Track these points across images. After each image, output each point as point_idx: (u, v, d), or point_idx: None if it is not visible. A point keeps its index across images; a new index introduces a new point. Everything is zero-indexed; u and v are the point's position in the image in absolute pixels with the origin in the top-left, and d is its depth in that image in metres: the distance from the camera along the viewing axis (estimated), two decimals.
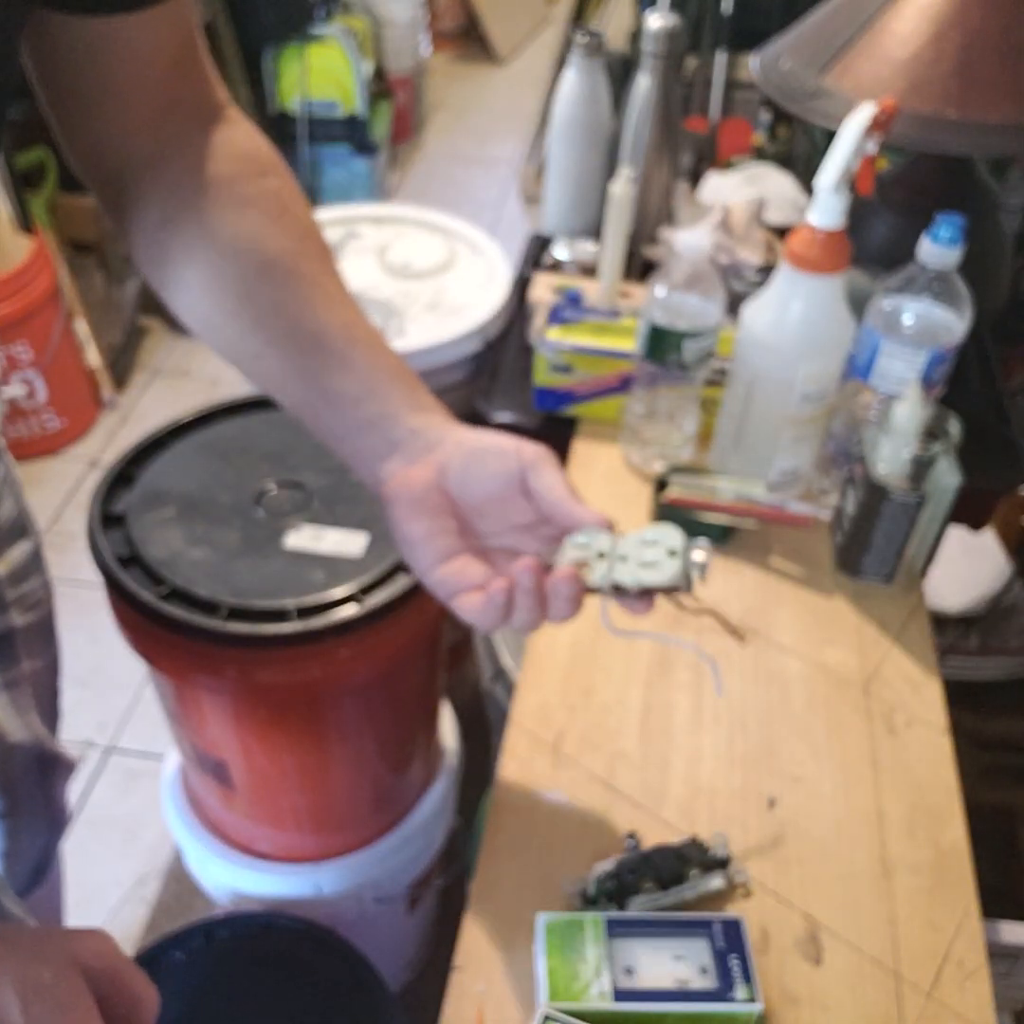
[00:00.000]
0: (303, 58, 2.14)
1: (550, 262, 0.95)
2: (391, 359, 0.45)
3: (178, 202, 0.44)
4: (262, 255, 0.44)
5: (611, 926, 0.45)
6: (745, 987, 0.44)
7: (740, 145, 1.50)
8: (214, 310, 0.44)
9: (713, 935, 0.45)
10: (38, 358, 1.59)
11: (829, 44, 0.74)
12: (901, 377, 0.65)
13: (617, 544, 0.40)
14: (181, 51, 0.44)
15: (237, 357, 0.46)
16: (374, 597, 0.58)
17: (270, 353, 0.44)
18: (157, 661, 0.62)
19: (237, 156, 0.45)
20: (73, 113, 0.44)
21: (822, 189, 0.59)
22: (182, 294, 0.45)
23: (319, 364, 0.44)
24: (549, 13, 3.24)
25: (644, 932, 0.45)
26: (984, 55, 0.69)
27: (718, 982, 0.44)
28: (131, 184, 0.45)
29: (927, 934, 0.49)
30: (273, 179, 0.46)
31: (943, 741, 0.58)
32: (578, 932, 0.45)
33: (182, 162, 0.44)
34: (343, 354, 0.44)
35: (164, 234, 0.44)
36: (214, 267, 0.44)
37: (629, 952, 0.44)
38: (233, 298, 0.44)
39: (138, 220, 0.45)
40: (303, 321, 0.44)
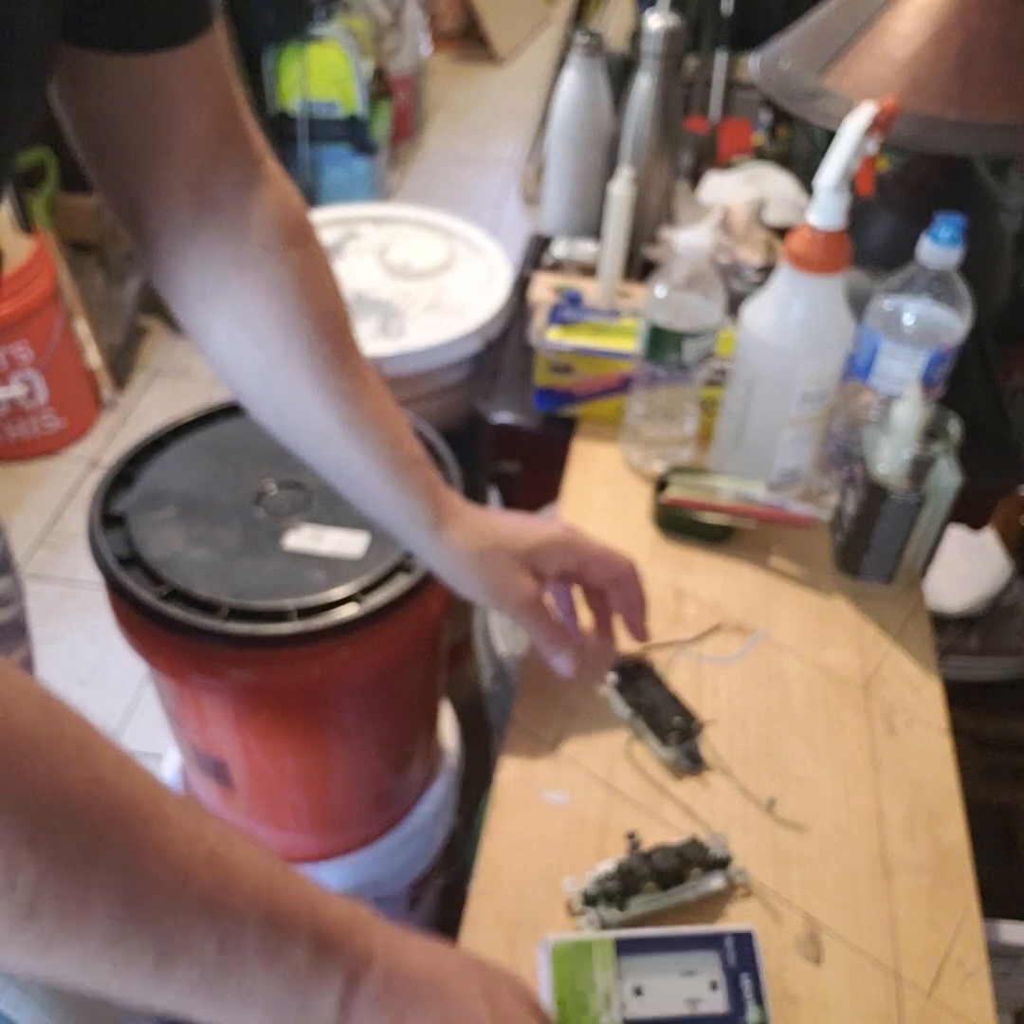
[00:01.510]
0: (303, 58, 2.14)
1: (550, 262, 0.95)
2: (413, 448, 0.50)
3: (213, 276, 0.45)
4: (284, 346, 0.46)
5: (620, 946, 0.44)
6: (758, 1011, 0.42)
7: (740, 145, 1.50)
8: (243, 389, 0.48)
9: (725, 950, 0.44)
10: (38, 358, 1.59)
11: (829, 44, 0.74)
12: (901, 377, 0.65)
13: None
14: (222, 107, 0.43)
15: (263, 420, 0.50)
16: (374, 597, 0.58)
17: (293, 437, 0.49)
18: (157, 661, 0.62)
19: (269, 226, 0.46)
20: (115, 170, 0.43)
21: (822, 189, 0.59)
22: (214, 353, 0.48)
23: (346, 457, 0.49)
24: (549, 13, 3.25)
25: (653, 950, 0.44)
26: (984, 55, 0.69)
27: (729, 1005, 0.43)
28: (168, 247, 0.45)
29: (927, 934, 0.49)
30: (299, 249, 0.47)
31: (943, 741, 0.58)
32: (586, 956, 0.43)
33: (218, 232, 0.45)
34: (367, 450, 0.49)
35: (203, 308, 0.46)
36: (241, 349, 0.46)
37: (638, 971, 0.43)
38: (258, 382, 0.48)
39: (177, 287, 0.46)
40: (317, 423, 0.48)
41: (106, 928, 0.26)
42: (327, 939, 0.30)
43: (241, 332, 0.45)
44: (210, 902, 0.28)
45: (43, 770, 0.25)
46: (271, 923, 0.29)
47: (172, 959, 0.27)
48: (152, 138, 0.42)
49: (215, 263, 0.44)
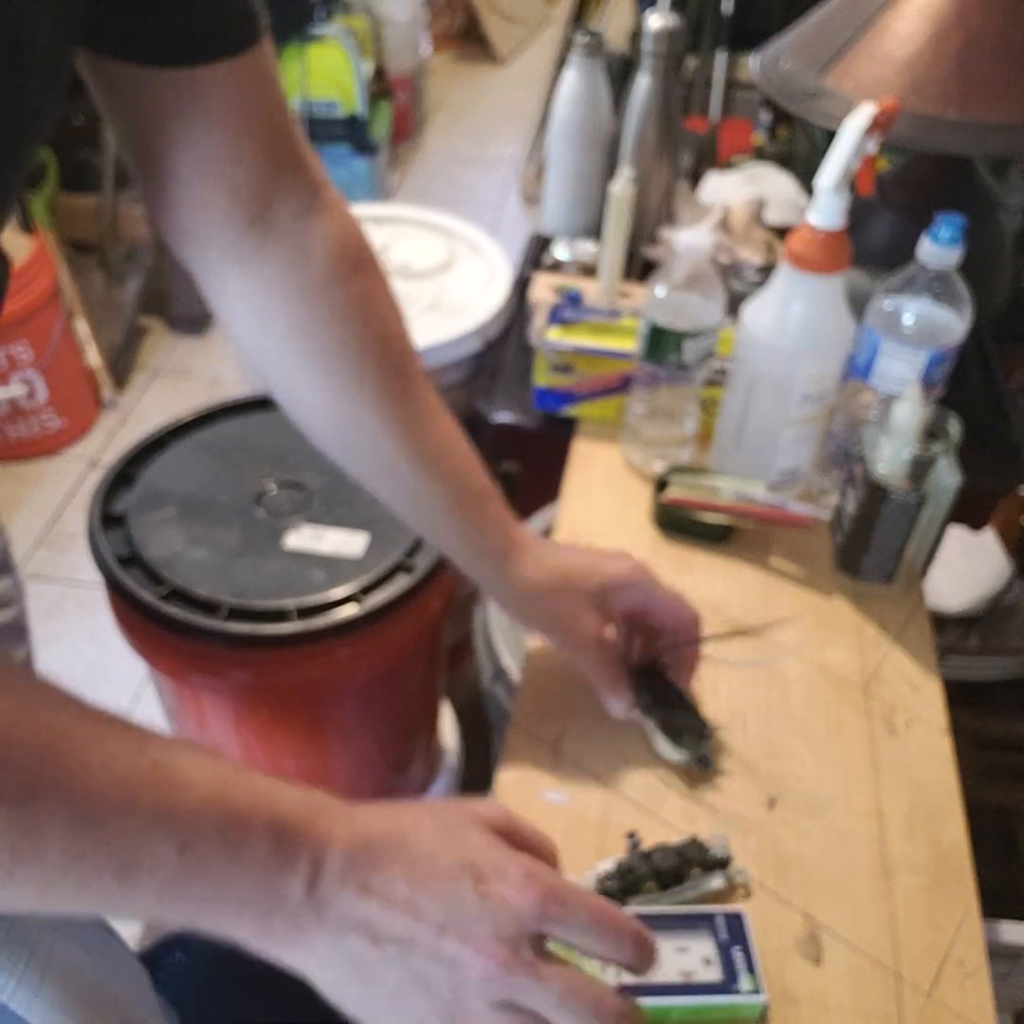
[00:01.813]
0: (303, 58, 2.14)
1: (550, 262, 0.95)
2: (481, 483, 0.50)
3: (276, 307, 0.44)
4: (358, 390, 0.46)
5: None
6: (749, 978, 0.44)
7: (740, 145, 1.50)
8: (305, 420, 0.48)
9: (716, 928, 0.46)
10: (38, 358, 1.59)
11: (829, 44, 0.74)
12: (901, 377, 0.65)
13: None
14: (272, 125, 0.42)
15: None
16: (374, 597, 0.59)
17: (365, 479, 0.50)
18: (157, 661, 0.62)
19: (331, 256, 0.45)
20: (168, 194, 0.42)
21: (822, 189, 0.59)
22: (283, 393, 0.48)
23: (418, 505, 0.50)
24: (549, 13, 3.25)
25: (647, 926, 0.45)
26: (984, 55, 0.69)
27: (722, 974, 0.44)
28: (225, 274, 0.44)
29: (927, 934, 0.49)
30: (361, 278, 0.47)
31: (943, 741, 0.58)
32: None
33: (278, 263, 0.43)
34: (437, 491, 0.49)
35: (266, 340, 0.45)
36: (312, 384, 0.46)
37: None
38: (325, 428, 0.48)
39: (234, 315, 0.45)
40: (398, 469, 0.48)
41: (60, 850, 0.27)
42: (285, 827, 0.31)
43: (307, 362, 0.45)
44: (161, 810, 0.29)
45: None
46: (227, 821, 0.30)
47: (133, 869, 0.28)
48: (202, 160, 0.40)
49: (276, 294, 0.44)
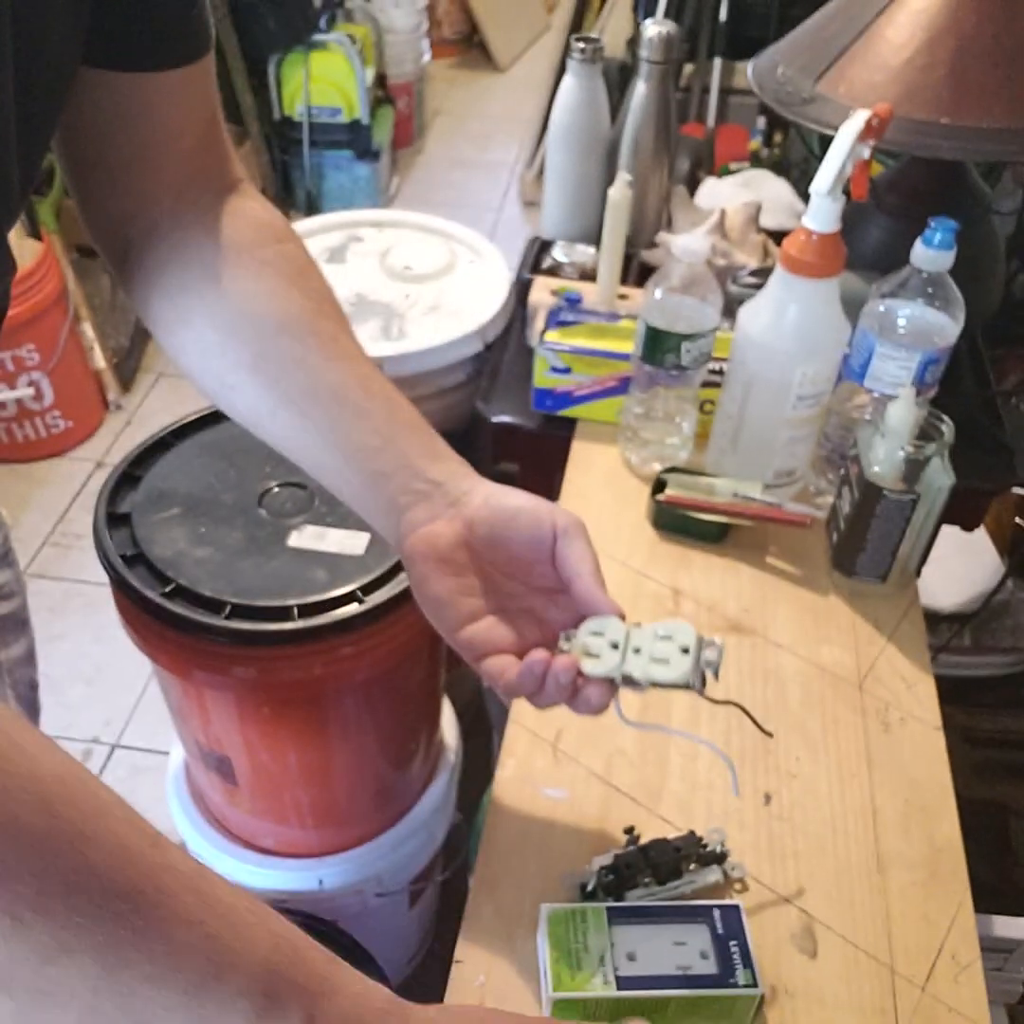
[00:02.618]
0: (306, 65, 2.16)
1: (549, 265, 0.96)
2: (408, 411, 0.45)
3: (198, 267, 0.45)
4: (281, 314, 0.44)
5: (612, 914, 0.46)
6: (746, 972, 0.44)
7: (736, 150, 1.51)
8: (231, 369, 0.44)
9: (713, 921, 0.46)
10: (44, 360, 1.60)
11: (824, 51, 0.75)
12: (895, 379, 0.65)
13: (631, 635, 0.41)
14: (207, 124, 0.45)
15: (253, 417, 0.45)
16: (375, 596, 0.59)
17: (287, 409, 0.44)
18: (161, 658, 0.62)
19: (254, 224, 0.46)
20: (98, 181, 0.44)
21: (817, 194, 0.60)
22: (199, 356, 0.45)
23: (337, 417, 0.43)
24: (548, 21, 3.26)
25: (645, 920, 0.46)
26: (976, 61, 0.70)
27: (719, 968, 0.44)
28: (150, 250, 0.45)
29: (921, 928, 0.50)
30: (290, 245, 0.47)
31: (936, 737, 0.58)
32: (580, 922, 0.46)
33: (202, 228, 0.45)
34: (360, 406, 0.43)
35: (183, 298, 0.45)
36: (233, 326, 0.44)
37: (630, 939, 0.45)
38: (250, 356, 0.44)
39: (157, 285, 0.45)
40: (321, 375, 0.43)
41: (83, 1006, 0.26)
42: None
43: (223, 312, 0.44)
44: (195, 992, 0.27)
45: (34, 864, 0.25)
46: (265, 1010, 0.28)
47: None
48: (140, 154, 0.43)
49: (198, 257, 0.45)
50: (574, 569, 0.41)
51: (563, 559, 0.41)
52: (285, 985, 0.29)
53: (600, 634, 0.41)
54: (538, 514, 0.41)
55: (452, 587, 0.42)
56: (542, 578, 0.42)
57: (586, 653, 0.40)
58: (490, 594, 0.43)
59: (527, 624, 0.43)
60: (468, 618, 0.42)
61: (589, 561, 0.41)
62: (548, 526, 0.41)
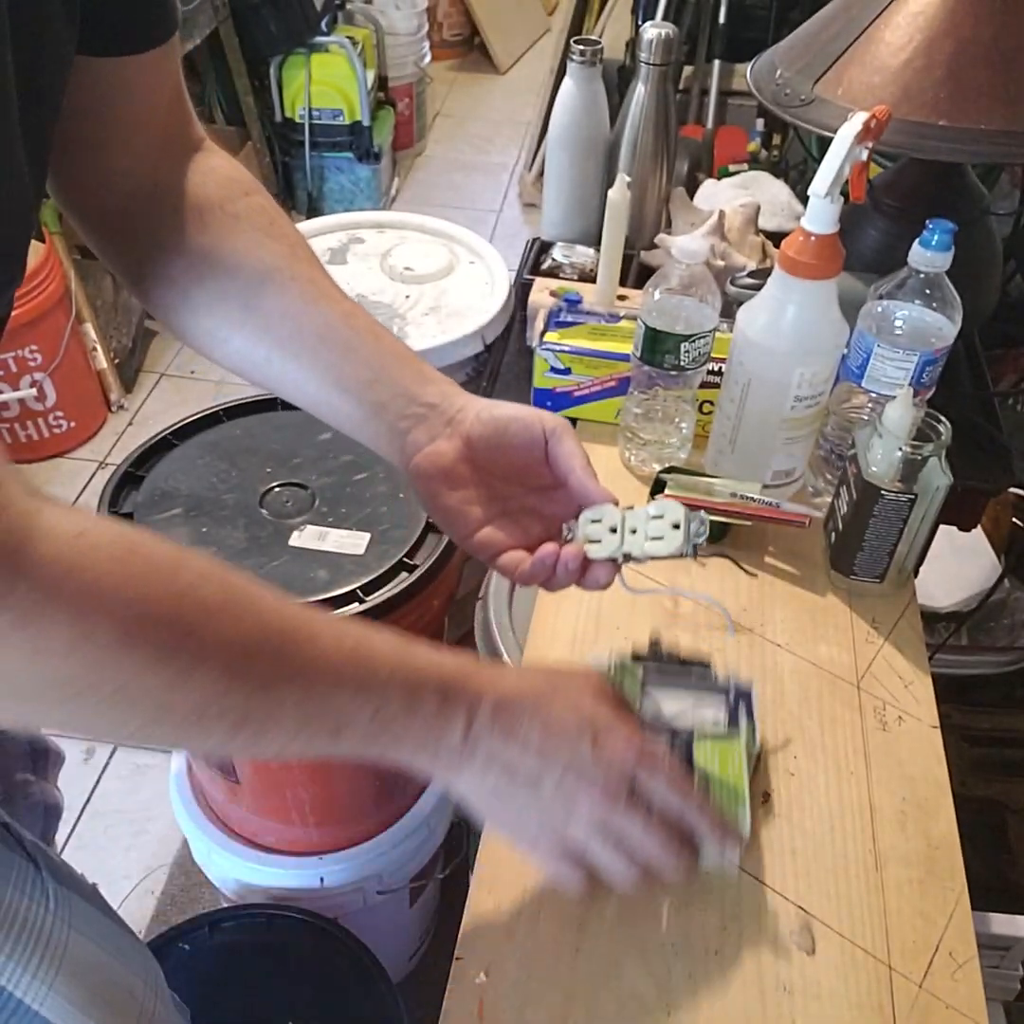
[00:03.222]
0: (307, 67, 2.16)
1: (549, 266, 0.96)
2: (394, 342, 0.48)
3: (175, 229, 0.46)
4: (260, 263, 0.46)
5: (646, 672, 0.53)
6: (749, 725, 0.51)
7: (735, 152, 1.51)
8: (221, 323, 0.46)
9: (728, 692, 0.53)
10: (47, 361, 1.61)
11: (822, 53, 0.76)
12: (893, 379, 0.66)
13: (626, 519, 0.46)
14: (173, 92, 0.47)
15: (248, 367, 0.48)
16: (376, 595, 0.60)
17: (279, 355, 0.46)
18: None
19: (222, 181, 0.48)
20: (74, 159, 0.45)
21: (815, 195, 0.60)
22: (188, 314, 0.47)
23: (327, 356, 0.46)
24: (548, 23, 3.27)
25: (672, 683, 0.53)
26: (974, 63, 0.70)
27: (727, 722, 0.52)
28: (128, 221, 0.47)
29: (918, 926, 0.50)
30: (257, 197, 0.49)
31: (934, 736, 0.59)
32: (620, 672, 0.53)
33: (176, 192, 0.47)
34: (348, 343, 0.46)
35: (163, 259, 0.46)
36: (217, 282, 0.46)
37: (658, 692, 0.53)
38: (237, 309, 0.46)
39: (137, 253, 0.47)
40: (306, 318, 0.46)
41: (294, 720, 0.36)
42: (448, 688, 0.39)
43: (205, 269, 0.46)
44: (361, 685, 0.37)
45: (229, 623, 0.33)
46: (407, 687, 0.38)
47: (342, 730, 0.37)
48: (116, 132, 0.45)
49: (174, 219, 0.46)
50: (567, 465, 0.46)
51: (555, 457, 0.46)
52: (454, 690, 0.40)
53: (598, 521, 0.46)
54: (528, 421, 0.46)
55: (459, 499, 0.46)
56: (538, 478, 0.47)
57: (588, 540, 0.46)
58: (494, 499, 0.47)
59: (530, 521, 0.48)
60: (477, 524, 0.46)
61: (579, 456, 0.46)
62: (538, 430, 0.45)
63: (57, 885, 0.48)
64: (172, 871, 1.11)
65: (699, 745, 0.49)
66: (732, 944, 0.49)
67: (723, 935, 0.49)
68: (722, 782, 0.48)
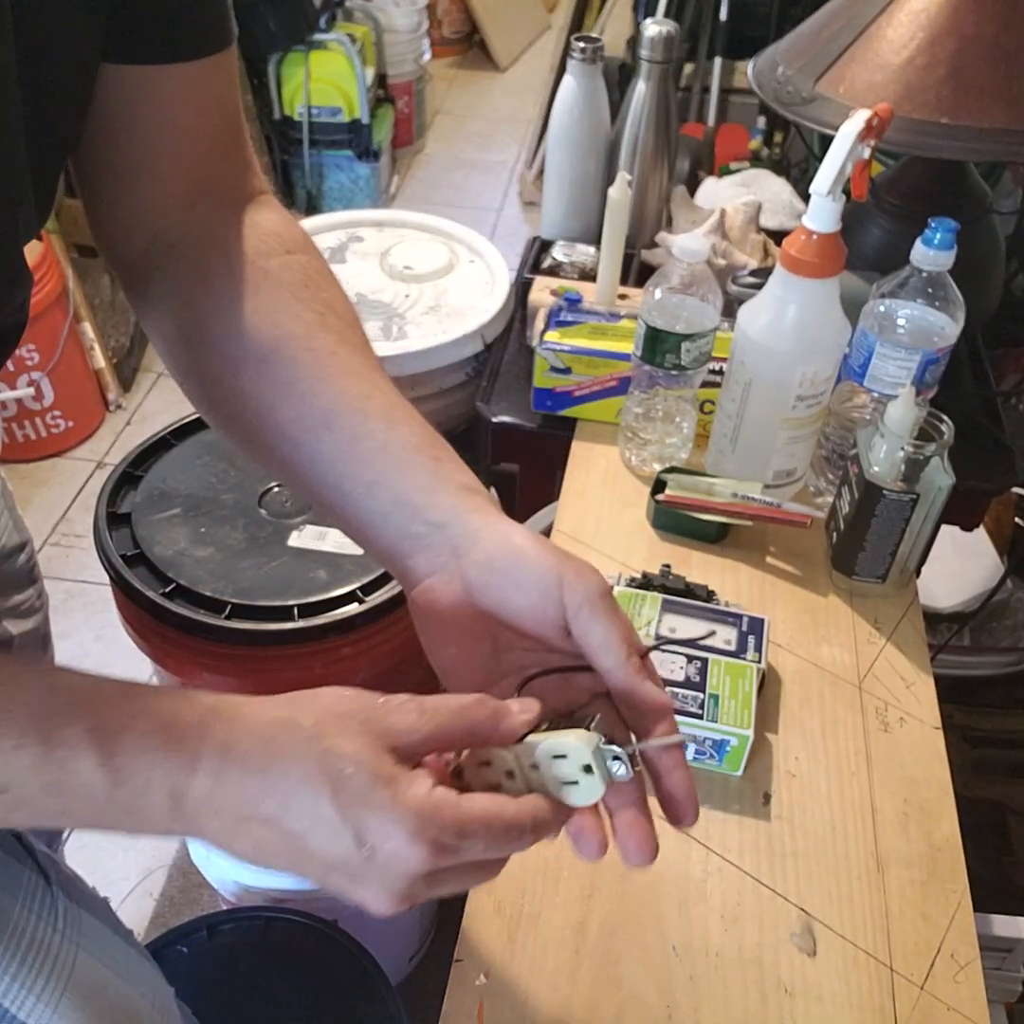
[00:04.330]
0: (306, 65, 2.16)
1: (549, 265, 0.96)
2: (410, 431, 0.39)
3: (201, 283, 0.42)
4: (276, 329, 0.40)
5: (664, 602, 0.60)
6: (755, 654, 0.58)
7: (737, 150, 1.51)
8: (232, 396, 0.41)
9: (740, 623, 0.60)
10: (45, 360, 1.60)
11: (824, 51, 0.75)
12: (895, 379, 0.65)
13: (520, 756, 0.32)
14: (221, 129, 0.43)
15: (252, 451, 0.42)
16: (375, 596, 0.59)
17: (280, 441, 0.40)
18: (161, 658, 0.63)
19: (264, 234, 0.43)
20: (105, 187, 0.42)
21: (817, 193, 0.60)
22: (202, 383, 0.42)
23: (328, 448, 0.39)
24: (549, 20, 3.27)
25: (688, 612, 0.60)
26: (976, 61, 0.70)
27: (736, 649, 0.58)
28: (156, 265, 0.43)
29: (920, 927, 0.50)
30: (300, 256, 0.43)
31: (935, 737, 0.59)
32: (638, 599, 0.60)
33: (209, 241, 0.42)
34: (353, 434, 0.38)
35: (186, 315, 0.42)
36: (230, 349, 0.41)
37: (674, 618, 0.60)
38: (248, 382, 0.40)
39: (162, 302, 0.43)
40: (314, 399, 0.39)
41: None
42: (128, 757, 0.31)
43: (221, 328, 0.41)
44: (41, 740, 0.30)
45: None
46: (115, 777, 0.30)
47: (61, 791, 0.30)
48: (149, 158, 0.41)
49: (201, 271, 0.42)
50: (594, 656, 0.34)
51: (579, 638, 0.34)
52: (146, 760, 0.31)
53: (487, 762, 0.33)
54: (544, 583, 0.34)
55: (454, 656, 0.36)
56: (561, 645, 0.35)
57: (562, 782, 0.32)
58: (503, 653, 0.37)
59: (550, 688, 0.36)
60: (475, 687, 0.35)
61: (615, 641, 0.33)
62: (555, 598, 0.34)
63: (68, 902, 0.46)
64: (171, 873, 1.11)
65: (714, 663, 0.56)
66: (733, 946, 0.49)
67: (724, 936, 0.49)
68: (732, 698, 0.55)
